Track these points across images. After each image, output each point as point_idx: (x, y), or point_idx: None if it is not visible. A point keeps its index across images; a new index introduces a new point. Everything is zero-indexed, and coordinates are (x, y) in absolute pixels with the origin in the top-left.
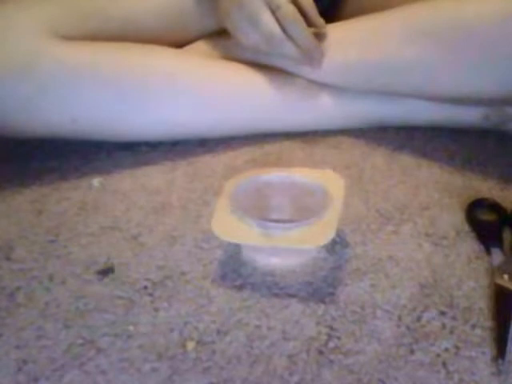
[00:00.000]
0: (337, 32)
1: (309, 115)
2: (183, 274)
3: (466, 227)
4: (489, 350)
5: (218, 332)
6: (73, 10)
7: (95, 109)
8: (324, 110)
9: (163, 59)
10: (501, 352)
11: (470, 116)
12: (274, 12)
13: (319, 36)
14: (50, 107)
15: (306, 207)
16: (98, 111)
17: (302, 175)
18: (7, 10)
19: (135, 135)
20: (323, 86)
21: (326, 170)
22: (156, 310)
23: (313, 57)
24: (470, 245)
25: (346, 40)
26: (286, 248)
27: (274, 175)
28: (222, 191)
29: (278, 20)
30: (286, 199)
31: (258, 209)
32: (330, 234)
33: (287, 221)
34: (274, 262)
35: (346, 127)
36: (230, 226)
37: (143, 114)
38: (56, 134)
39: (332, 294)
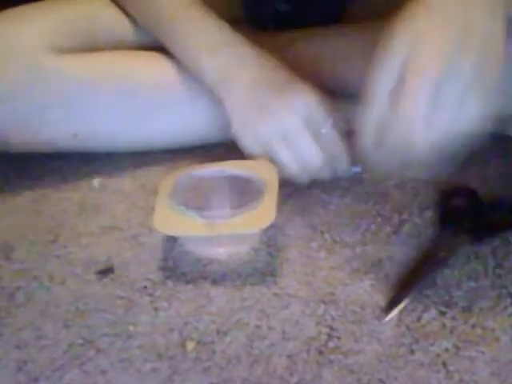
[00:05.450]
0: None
1: None
2: (183, 274)
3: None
4: (489, 350)
5: (218, 332)
6: (71, 24)
7: (96, 122)
8: None
9: (164, 68)
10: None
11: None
12: (315, 135)
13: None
14: (50, 123)
15: (243, 197)
16: (100, 125)
17: (235, 167)
18: (6, 27)
19: (137, 147)
20: None
21: (259, 159)
22: (156, 309)
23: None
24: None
25: None
26: (230, 235)
27: (209, 170)
28: (159, 190)
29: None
30: (224, 192)
31: (197, 204)
32: (272, 217)
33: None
34: (219, 252)
35: None
36: (172, 221)
37: (145, 125)
38: (57, 148)
39: (332, 293)
